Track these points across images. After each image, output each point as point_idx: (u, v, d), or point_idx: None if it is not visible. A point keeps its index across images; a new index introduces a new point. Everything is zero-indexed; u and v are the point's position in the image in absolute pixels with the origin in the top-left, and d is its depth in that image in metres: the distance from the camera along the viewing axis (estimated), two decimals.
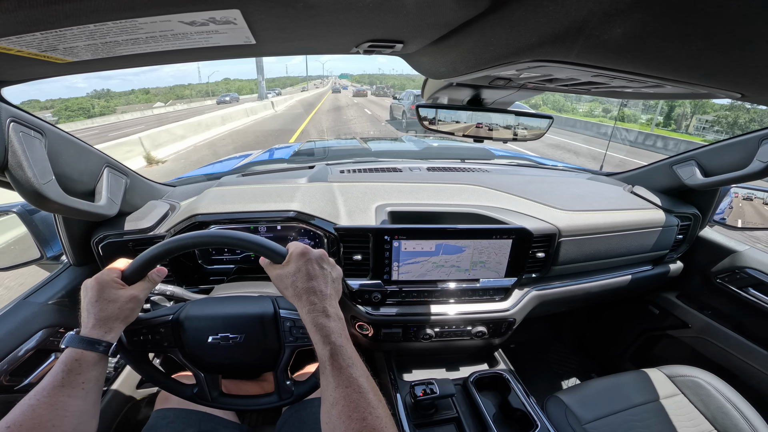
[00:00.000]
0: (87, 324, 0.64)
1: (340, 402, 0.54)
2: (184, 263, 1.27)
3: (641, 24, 0.35)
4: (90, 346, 0.61)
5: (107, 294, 0.66)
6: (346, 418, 0.52)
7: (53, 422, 0.53)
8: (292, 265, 0.70)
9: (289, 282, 0.68)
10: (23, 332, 0.96)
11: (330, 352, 0.60)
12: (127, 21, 0.48)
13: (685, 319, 1.67)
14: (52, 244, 1.18)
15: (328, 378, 0.58)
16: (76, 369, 0.59)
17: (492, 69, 0.63)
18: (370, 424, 0.52)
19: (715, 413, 1.21)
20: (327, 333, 0.62)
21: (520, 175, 1.75)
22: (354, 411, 0.53)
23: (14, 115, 0.75)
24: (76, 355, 0.60)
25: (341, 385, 0.56)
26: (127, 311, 0.68)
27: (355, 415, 0.52)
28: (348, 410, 0.53)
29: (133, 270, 0.71)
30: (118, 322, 0.66)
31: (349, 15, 0.52)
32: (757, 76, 0.41)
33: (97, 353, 0.62)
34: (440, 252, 1.19)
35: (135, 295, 0.69)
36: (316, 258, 0.71)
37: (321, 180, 1.48)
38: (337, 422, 0.53)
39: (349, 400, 0.54)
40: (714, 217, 1.60)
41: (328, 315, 0.65)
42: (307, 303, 0.66)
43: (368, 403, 0.54)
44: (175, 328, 0.78)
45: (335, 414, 0.53)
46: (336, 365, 0.58)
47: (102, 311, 0.65)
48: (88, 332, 0.63)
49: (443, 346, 1.43)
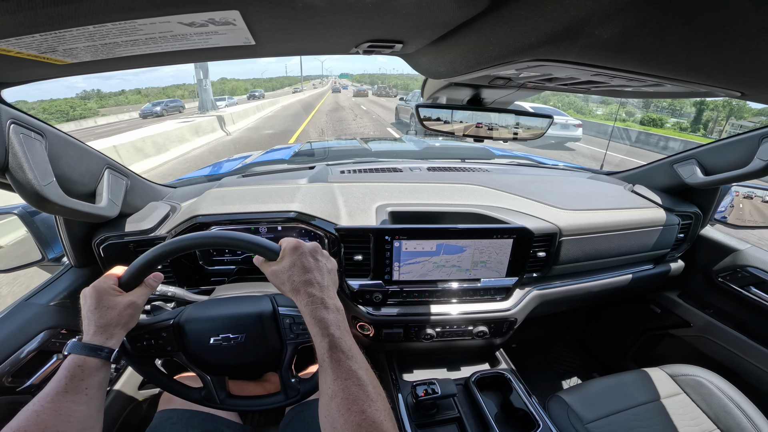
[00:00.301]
0: (88, 331, 0.64)
1: (339, 394, 0.54)
2: (186, 264, 1.28)
3: (641, 23, 0.35)
4: (92, 353, 0.62)
5: (105, 301, 0.66)
6: (345, 411, 0.52)
7: (58, 428, 0.54)
8: (287, 260, 0.69)
9: (285, 277, 0.68)
10: (25, 334, 0.96)
11: (329, 344, 0.59)
12: (126, 22, 0.48)
13: (686, 318, 1.67)
14: (53, 245, 1.18)
15: (326, 370, 0.58)
16: (78, 375, 0.59)
17: (491, 68, 0.63)
18: (370, 416, 0.51)
19: (717, 412, 1.20)
20: (326, 325, 0.61)
21: (521, 175, 1.75)
22: (353, 403, 0.52)
23: (14, 117, 0.75)
24: (78, 361, 0.60)
25: (340, 377, 0.56)
26: (127, 317, 0.68)
27: (354, 408, 0.52)
28: (347, 403, 0.52)
29: (129, 276, 0.71)
30: (118, 328, 0.67)
31: (348, 15, 0.52)
32: (757, 75, 0.40)
33: (99, 359, 0.62)
34: (441, 252, 1.19)
35: (133, 301, 0.70)
36: (309, 250, 0.71)
37: (321, 180, 1.48)
38: (336, 415, 0.52)
39: (348, 392, 0.54)
40: (715, 215, 1.59)
41: (326, 306, 0.64)
42: (305, 296, 0.65)
43: (367, 396, 0.54)
44: (177, 331, 0.78)
45: (334, 406, 0.53)
46: (335, 357, 0.58)
47: (101, 318, 0.65)
48: (90, 339, 0.63)
49: (444, 346, 1.43)
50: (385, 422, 0.51)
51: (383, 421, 0.51)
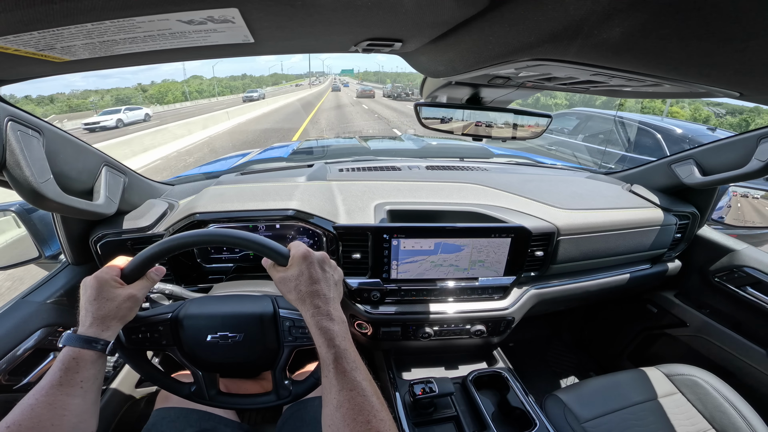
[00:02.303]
0: (84, 322, 0.64)
1: (344, 405, 0.55)
2: (183, 262, 1.27)
3: (640, 23, 0.35)
4: (87, 345, 0.61)
5: (106, 293, 0.66)
6: (351, 421, 0.53)
7: (52, 421, 0.53)
8: (295, 268, 0.70)
9: (292, 286, 0.69)
10: (22, 331, 0.96)
11: (334, 355, 0.60)
12: (124, 20, 0.47)
13: (683, 317, 1.68)
14: (50, 243, 1.18)
15: (331, 381, 0.58)
16: (73, 368, 0.59)
17: (491, 68, 0.63)
18: (375, 426, 0.52)
19: (712, 412, 1.21)
20: (331, 336, 0.62)
21: (519, 174, 1.75)
22: (359, 414, 0.53)
23: (12, 114, 0.74)
24: (73, 354, 0.60)
25: (345, 388, 0.57)
26: (125, 310, 0.68)
27: (359, 418, 0.53)
28: (352, 413, 0.54)
29: (132, 268, 0.71)
30: (115, 320, 0.66)
31: (347, 13, 0.52)
32: (755, 75, 0.41)
33: (94, 351, 0.62)
34: (439, 251, 1.19)
35: (133, 294, 0.69)
36: (318, 261, 0.71)
37: (320, 179, 1.48)
38: (341, 425, 0.53)
39: (354, 403, 0.55)
40: (712, 215, 1.60)
41: (332, 318, 0.65)
42: (311, 306, 0.66)
43: (372, 407, 0.55)
44: (174, 326, 0.78)
45: (339, 416, 0.54)
46: (340, 368, 0.59)
47: (99, 309, 0.64)
48: (85, 330, 0.63)
49: (442, 345, 1.43)
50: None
51: (387, 431, 0.53)
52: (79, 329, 0.64)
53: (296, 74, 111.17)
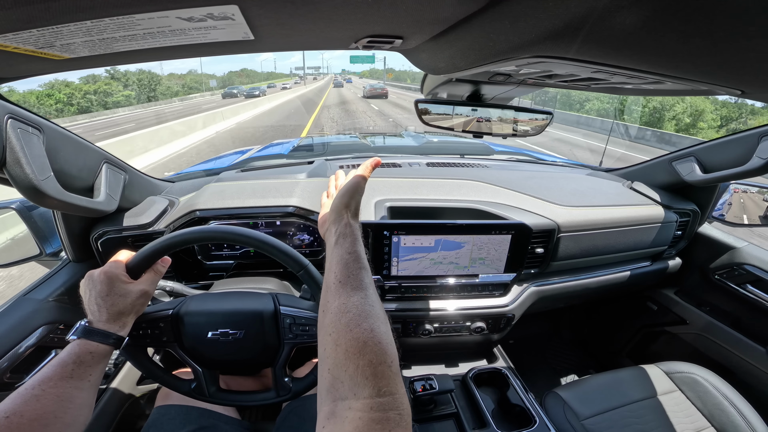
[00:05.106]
0: (100, 318, 0.64)
1: (352, 310, 0.51)
2: (184, 259, 1.28)
3: (642, 20, 0.35)
4: (104, 339, 0.62)
5: (118, 288, 0.66)
6: (355, 327, 0.48)
7: (56, 413, 0.53)
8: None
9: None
10: (23, 329, 0.96)
11: (355, 257, 0.58)
12: (124, 17, 0.47)
13: (683, 315, 1.68)
14: (51, 240, 1.18)
15: (346, 286, 0.55)
16: (88, 361, 0.59)
17: (491, 65, 0.63)
18: (377, 336, 0.48)
19: (712, 410, 1.21)
20: (355, 237, 0.62)
21: (520, 171, 1.75)
22: (364, 320, 0.49)
23: (12, 112, 0.74)
24: (90, 348, 0.60)
25: (357, 292, 0.53)
26: (139, 306, 0.69)
27: (364, 324, 0.49)
28: (358, 319, 0.49)
29: (138, 261, 0.71)
30: (130, 317, 0.67)
31: (348, 10, 0.52)
32: (758, 73, 0.40)
33: (108, 346, 0.62)
34: (439, 248, 1.19)
35: (145, 291, 0.70)
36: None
37: (320, 175, 1.48)
38: (344, 330, 0.49)
39: (362, 309, 0.51)
40: (713, 213, 1.60)
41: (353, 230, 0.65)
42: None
43: (377, 316, 0.51)
44: (175, 322, 0.78)
45: (344, 321, 0.49)
46: (356, 273, 0.56)
47: (114, 306, 0.65)
48: (102, 325, 0.63)
49: (442, 342, 1.44)
50: (389, 346, 0.48)
51: (388, 345, 0.48)
52: (94, 323, 0.63)
53: (298, 73, 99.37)
